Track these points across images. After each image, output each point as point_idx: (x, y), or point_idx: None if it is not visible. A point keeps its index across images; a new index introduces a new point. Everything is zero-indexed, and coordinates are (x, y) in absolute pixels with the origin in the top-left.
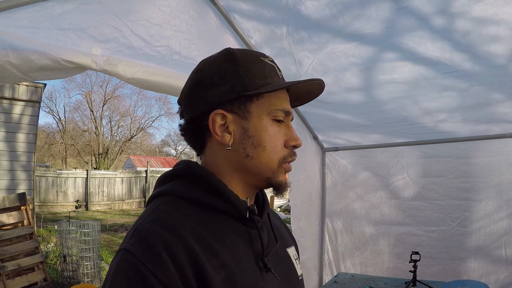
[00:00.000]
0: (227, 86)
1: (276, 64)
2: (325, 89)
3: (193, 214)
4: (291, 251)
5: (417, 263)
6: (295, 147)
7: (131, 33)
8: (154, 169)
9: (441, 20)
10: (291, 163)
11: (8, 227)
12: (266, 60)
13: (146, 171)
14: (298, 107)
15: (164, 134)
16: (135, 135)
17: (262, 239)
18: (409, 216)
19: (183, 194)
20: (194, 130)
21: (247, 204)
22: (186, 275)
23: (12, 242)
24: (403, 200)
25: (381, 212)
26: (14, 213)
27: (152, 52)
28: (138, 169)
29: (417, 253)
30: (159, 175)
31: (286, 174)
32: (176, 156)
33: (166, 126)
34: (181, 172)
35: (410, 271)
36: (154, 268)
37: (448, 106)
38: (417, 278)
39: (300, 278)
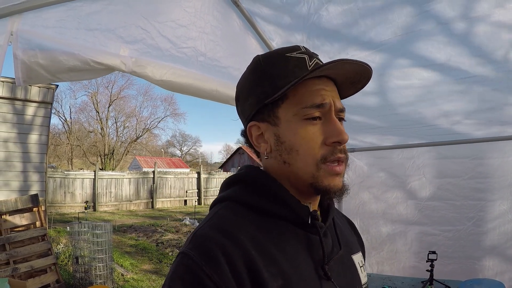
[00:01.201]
0: (253, 97)
1: (308, 54)
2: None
3: (252, 220)
4: (356, 257)
5: (434, 262)
6: (339, 143)
7: (158, 34)
8: (161, 169)
9: (461, 25)
10: (343, 165)
11: (20, 228)
12: (294, 54)
13: (153, 172)
14: None
15: (170, 135)
16: (140, 136)
17: (324, 246)
18: (425, 216)
19: (243, 200)
20: (248, 141)
21: (309, 209)
22: (242, 281)
23: (25, 244)
24: (419, 200)
25: (397, 212)
26: (26, 214)
27: (178, 54)
28: (145, 169)
29: (434, 252)
30: (166, 176)
31: (337, 177)
32: (181, 156)
33: (172, 126)
34: (242, 178)
35: (427, 270)
36: (210, 271)
37: (463, 109)
38: (433, 277)
39: (364, 286)
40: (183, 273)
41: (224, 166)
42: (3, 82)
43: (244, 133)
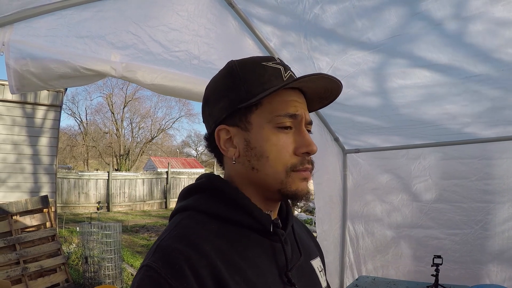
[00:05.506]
0: (226, 101)
1: (283, 66)
2: (344, 93)
3: (216, 229)
4: (315, 263)
5: (439, 267)
6: (308, 153)
7: (149, 38)
8: (175, 170)
9: (460, 24)
10: (309, 174)
11: (31, 229)
12: (269, 64)
13: (167, 172)
14: (319, 110)
15: (185, 135)
16: (155, 136)
17: (286, 253)
18: (431, 219)
19: (205, 209)
20: (211, 145)
21: (271, 218)
22: None
23: (35, 244)
24: (425, 202)
25: (402, 214)
26: (37, 215)
27: (171, 58)
28: (159, 170)
29: (439, 256)
30: (180, 176)
31: (304, 182)
32: (196, 157)
33: (187, 127)
34: (203, 186)
35: (432, 275)
36: (176, 284)
37: (469, 108)
38: (439, 282)
39: None
40: (148, 286)
41: None
42: None
43: (208, 137)
